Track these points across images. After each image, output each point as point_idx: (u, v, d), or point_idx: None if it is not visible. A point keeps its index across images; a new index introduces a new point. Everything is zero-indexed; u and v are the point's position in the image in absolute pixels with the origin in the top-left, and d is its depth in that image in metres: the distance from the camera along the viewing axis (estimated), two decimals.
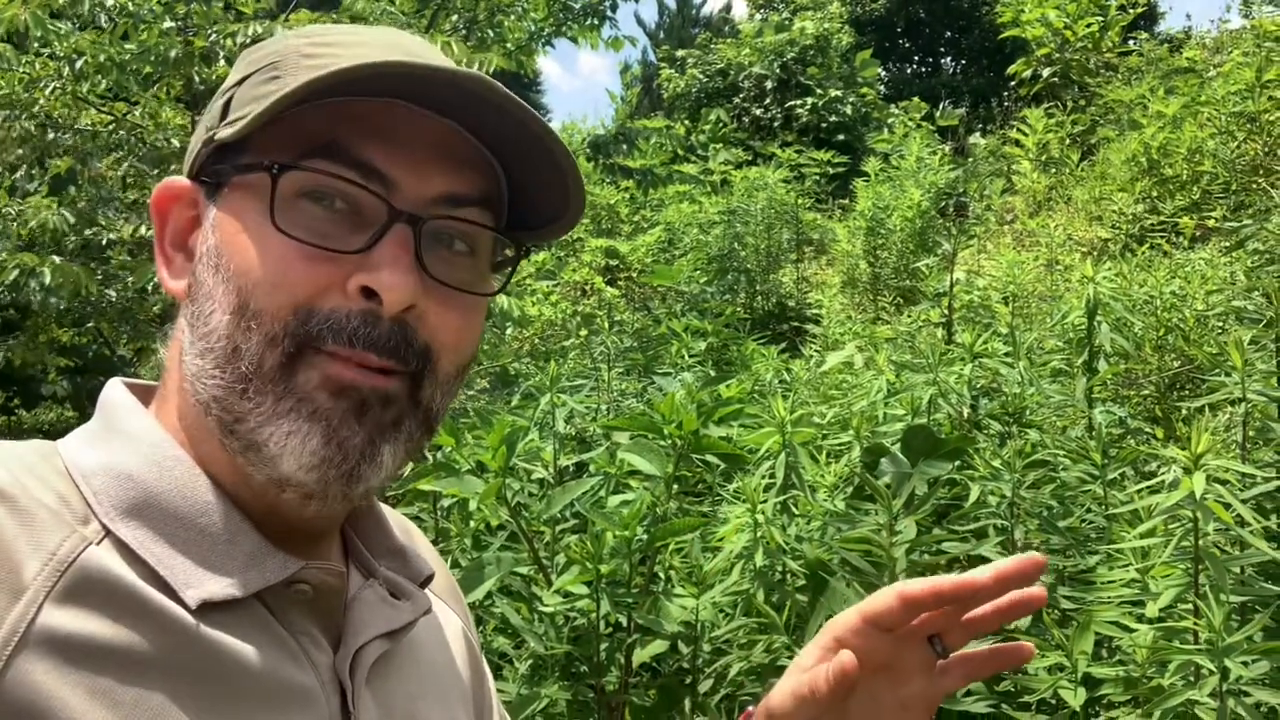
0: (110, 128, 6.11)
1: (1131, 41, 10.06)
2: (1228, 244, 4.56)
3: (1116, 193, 6.63)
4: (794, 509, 2.86)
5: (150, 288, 5.74)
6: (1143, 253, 4.89)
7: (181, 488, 0.74)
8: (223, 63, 5.61)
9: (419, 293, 0.75)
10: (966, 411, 2.91)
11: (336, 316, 0.73)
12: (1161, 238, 5.86)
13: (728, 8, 27.22)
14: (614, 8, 7.57)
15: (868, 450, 2.72)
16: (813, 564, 2.58)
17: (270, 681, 0.72)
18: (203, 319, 0.75)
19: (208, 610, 0.71)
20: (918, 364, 3.14)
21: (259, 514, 0.77)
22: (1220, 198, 5.85)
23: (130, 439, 0.76)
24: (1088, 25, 9.67)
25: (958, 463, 2.72)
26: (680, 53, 15.70)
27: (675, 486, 3.37)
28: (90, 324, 7.03)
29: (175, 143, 6.10)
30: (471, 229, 0.80)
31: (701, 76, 14.55)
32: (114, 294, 6.34)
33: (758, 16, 17.52)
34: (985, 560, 2.53)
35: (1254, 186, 5.49)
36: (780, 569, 2.64)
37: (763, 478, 2.84)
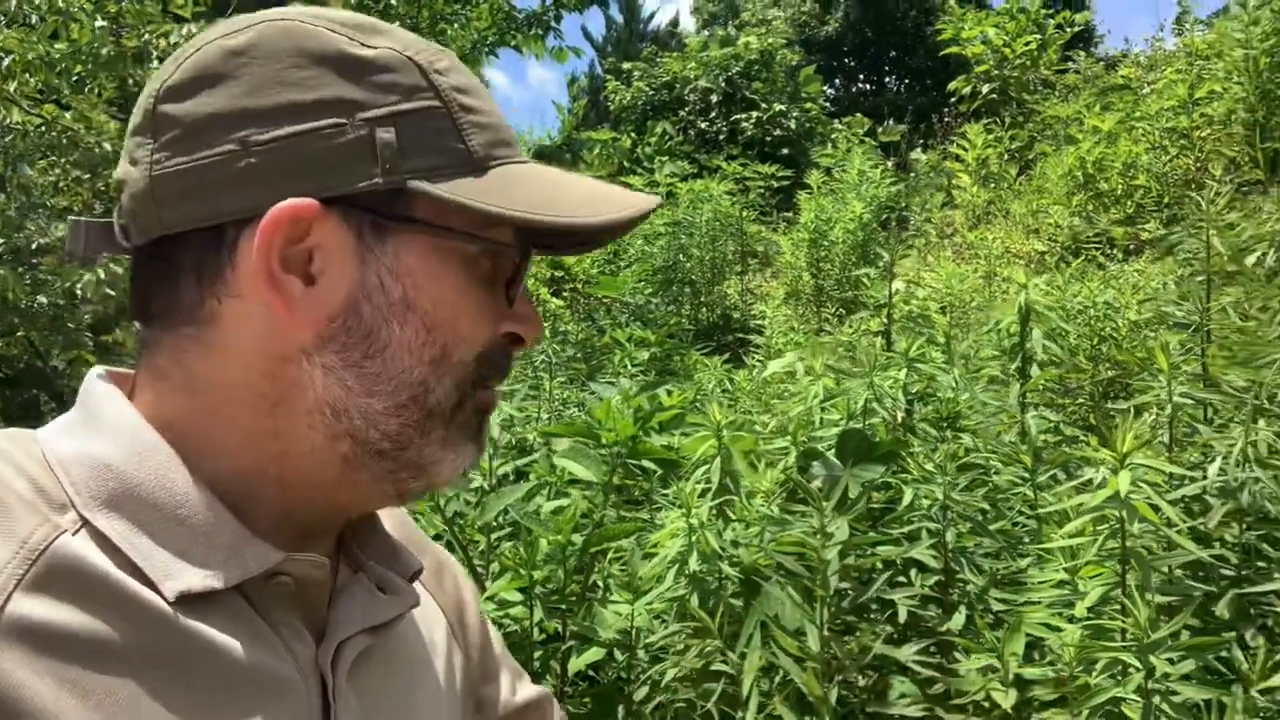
0: (40, 129, 5.96)
1: (1070, 60, 10.24)
2: (1160, 255, 4.64)
3: (1053, 206, 6.73)
4: (731, 514, 2.85)
5: (80, 294, 5.60)
6: (1078, 265, 4.96)
7: (160, 478, 0.73)
8: (156, 63, 5.50)
9: None
10: (901, 416, 2.92)
11: (501, 361, 0.82)
12: (1097, 250, 5.96)
13: (675, 22, 27.37)
14: (558, 18, 7.56)
15: (802, 454, 2.72)
16: (748, 568, 2.56)
17: (248, 673, 0.72)
18: (386, 363, 0.77)
19: (186, 601, 0.70)
20: (854, 370, 3.14)
21: (263, 509, 0.77)
22: (1153, 211, 5.96)
23: (110, 428, 0.75)
24: (1026, 44, 9.84)
25: (892, 467, 2.72)
26: (626, 65, 15.72)
27: (613, 494, 3.35)
28: (20, 333, 6.85)
29: (109, 147, 5.97)
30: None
31: (647, 89, 14.58)
32: (44, 300, 6.18)
33: (704, 32, 17.61)
34: (918, 563, 2.54)
35: (1186, 200, 5.59)
36: (716, 574, 2.62)
37: (698, 483, 2.82)
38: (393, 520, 0.97)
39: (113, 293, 5.34)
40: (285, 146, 0.73)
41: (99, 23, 5.24)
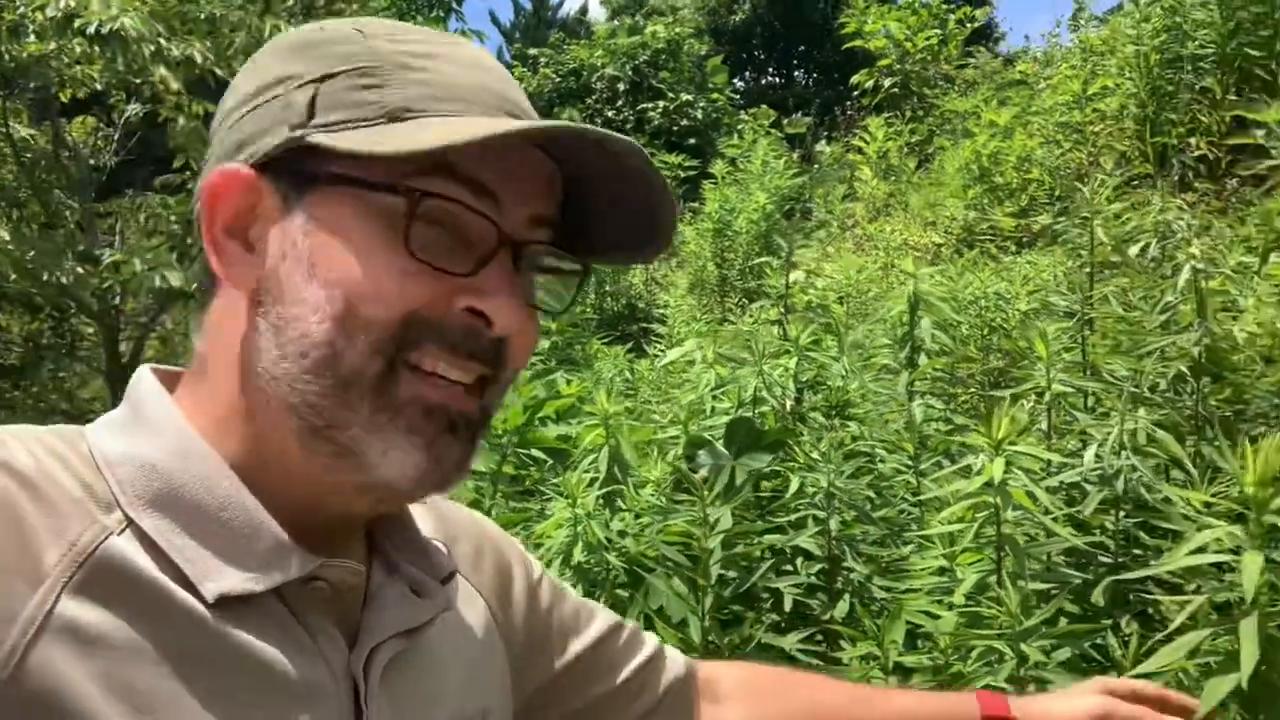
0: None
1: (970, 56, 10.41)
2: (1047, 245, 4.72)
3: (949, 199, 6.82)
4: (622, 504, 2.80)
5: None
6: (971, 256, 5.02)
7: (205, 480, 0.75)
8: (32, 37, 5.26)
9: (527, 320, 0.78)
10: (790, 404, 2.90)
11: (442, 324, 0.75)
12: (991, 242, 6.05)
13: (584, 10, 27.24)
14: (460, 0, 7.43)
15: (688, 443, 2.68)
16: (633, 559, 2.52)
17: (283, 677, 0.73)
18: (292, 322, 0.75)
19: (225, 604, 0.71)
20: (744, 358, 3.12)
21: (284, 510, 0.77)
22: (1046, 204, 6.07)
23: (155, 429, 0.77)
24: (927, 39, 9.97)
25: (780, 455, 2.70)
26: (533, 51, 15.58)
27: (503, 483, 3.28)
28: None
29: None
30: (549, 250, 0.82)
31: (554, 76, 14.45)
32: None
33: (614, 21, 17.54)
34: (804, 551, 2.52)
35: (1077, 193, 5.70)
36: (603, 565, 2.57)
37: (585, 472, 2.77)
38: (430, 512, 0.99)
39: None
40: (237, 125, 0.79)
41: None
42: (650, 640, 1.18)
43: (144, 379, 0.81)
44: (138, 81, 6.15)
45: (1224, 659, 1.10)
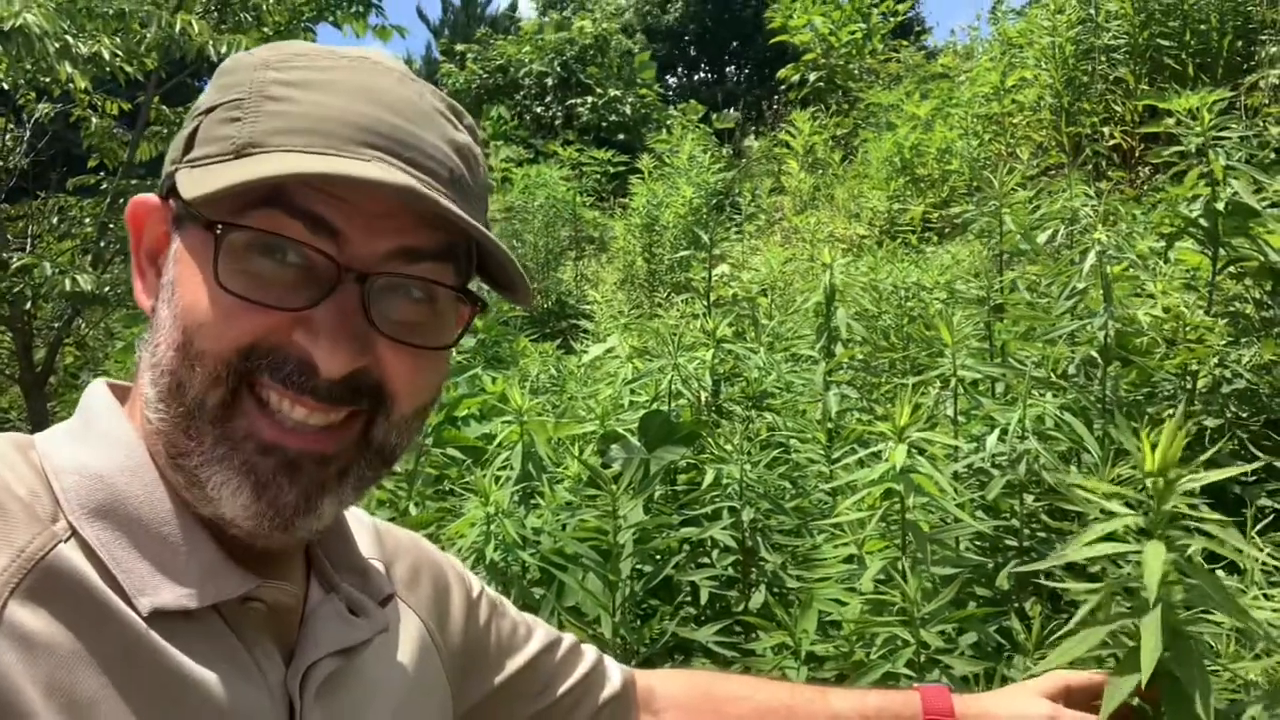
0: None
1: (894, 51, 10.50)
2: (958, 235, 4.76)
3: (873, 191, 6.87)
4: (540, 501, 2.77)
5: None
6: (890, 247, 5.06)
7: (149, 494, 0.75)
8: None
9: (358, 357, 0.75)
10: (705, 397, 2.89)
11: (276, 356, 0.74)
12: (912, 233, 6.10)
13: (513, 6, 27.09)
14: None
15: (602, 438, 2.66)
16: (547, 556, 2.49)
17: (217, 692, 0.73)
18: (154, 349, 0.76)
19: (163, 618, 0.72)
20: (659, 351, 3.10)
21: (218, 530, 0.77)
22: (965, 195, 6.14)
23: (105, 440, 0.77)
24: (851, 33, 10.04)
25: (695, 448, 2.69)
26: (460, 47, 15.45)
27: (418, 482, 3.23)
28: None
29: None
30: (423, 284, 0.80)
31: (481, 72, 14.35)
32: None
33: (543, 19, 17.47)
34: (717, 543, 2.51)
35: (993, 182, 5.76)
36: (517, 563, 2.54)
37: (499, 470, 2.74)
38: (368, 532, 1.00)
39: None
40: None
41: None
42: (589, 653, 1.19)
43: (97, 392, 0.82)
44: (46, 80, 5.97)
45: (1125, 656, 1.10)
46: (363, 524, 1.01)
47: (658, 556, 2.50)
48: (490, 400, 3.76)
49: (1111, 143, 5.87)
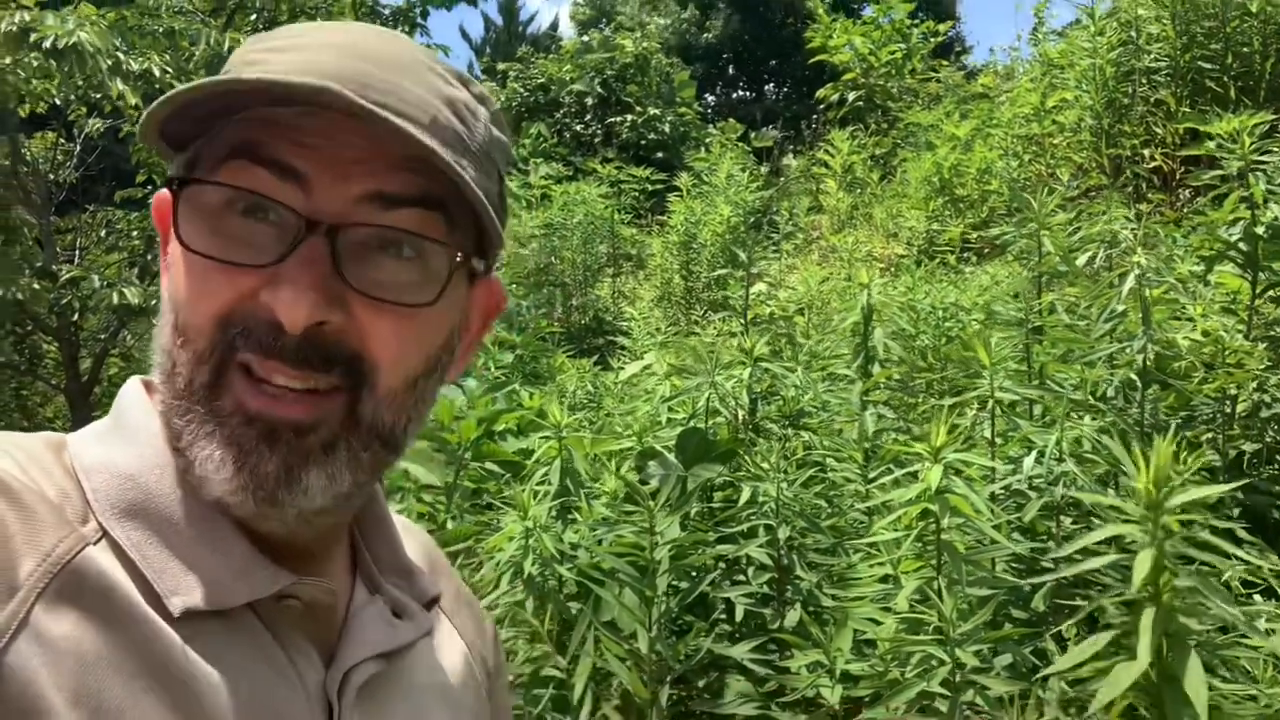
0: None
1: (934, 70, 10.50)
2: (997, 255, 4.75)
3: (911, 211, 6.87)
4: (577, 516, 2.80)
5: None
6: (929, 267, 5.06)
7: (179, 493, 0.73)
8: None
9: (322, 310, 0.70)
10: (742, 415, 2.91)
11: (250, 320, 0.70)
12: (951, 254, 6.10)
13: (555, 25, 27.30)
14: (424, 14, 7.44)
15: (639, 455, 2.69)
16: (585, 571, 2.52)
17: (251, 696, 0.71)
18: (159, 334, 0.75)
19: (196, 618, 0.70)
20: (698, 369, 3.13)
21: (249, 526, 0.75)
22: (1004, 216, 6.13)
23: (133, 437, 0.76)
24: (891, 53, 10.05)
25: (733, 465, 2.71)
26: (501, 65, 15.59)
27: (457, 497, 3.27)
28: None
29: None
30: (397, 234, 0.74)
31: (522, 90, 14.47)
32: None
33: (583, 38, 17.59)
34: (752, 560, 2.52)
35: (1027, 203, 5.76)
36: (554, 577, 2.57)
37: (538, 485, 2.77)
38: (417, 543, 0.97)
39: None
40: None
41: None
42: None
43: (129, 389, 0.80)
44: (97, 96, 6.11)
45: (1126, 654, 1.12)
46: (411, 532, 0.98)
47: (694, 573, 2.52)
48: (528, 415, 3.80)
49: (1152, 165, 5.84)
